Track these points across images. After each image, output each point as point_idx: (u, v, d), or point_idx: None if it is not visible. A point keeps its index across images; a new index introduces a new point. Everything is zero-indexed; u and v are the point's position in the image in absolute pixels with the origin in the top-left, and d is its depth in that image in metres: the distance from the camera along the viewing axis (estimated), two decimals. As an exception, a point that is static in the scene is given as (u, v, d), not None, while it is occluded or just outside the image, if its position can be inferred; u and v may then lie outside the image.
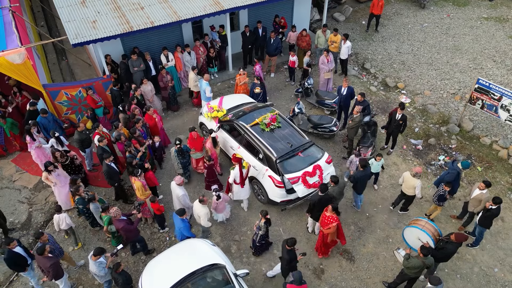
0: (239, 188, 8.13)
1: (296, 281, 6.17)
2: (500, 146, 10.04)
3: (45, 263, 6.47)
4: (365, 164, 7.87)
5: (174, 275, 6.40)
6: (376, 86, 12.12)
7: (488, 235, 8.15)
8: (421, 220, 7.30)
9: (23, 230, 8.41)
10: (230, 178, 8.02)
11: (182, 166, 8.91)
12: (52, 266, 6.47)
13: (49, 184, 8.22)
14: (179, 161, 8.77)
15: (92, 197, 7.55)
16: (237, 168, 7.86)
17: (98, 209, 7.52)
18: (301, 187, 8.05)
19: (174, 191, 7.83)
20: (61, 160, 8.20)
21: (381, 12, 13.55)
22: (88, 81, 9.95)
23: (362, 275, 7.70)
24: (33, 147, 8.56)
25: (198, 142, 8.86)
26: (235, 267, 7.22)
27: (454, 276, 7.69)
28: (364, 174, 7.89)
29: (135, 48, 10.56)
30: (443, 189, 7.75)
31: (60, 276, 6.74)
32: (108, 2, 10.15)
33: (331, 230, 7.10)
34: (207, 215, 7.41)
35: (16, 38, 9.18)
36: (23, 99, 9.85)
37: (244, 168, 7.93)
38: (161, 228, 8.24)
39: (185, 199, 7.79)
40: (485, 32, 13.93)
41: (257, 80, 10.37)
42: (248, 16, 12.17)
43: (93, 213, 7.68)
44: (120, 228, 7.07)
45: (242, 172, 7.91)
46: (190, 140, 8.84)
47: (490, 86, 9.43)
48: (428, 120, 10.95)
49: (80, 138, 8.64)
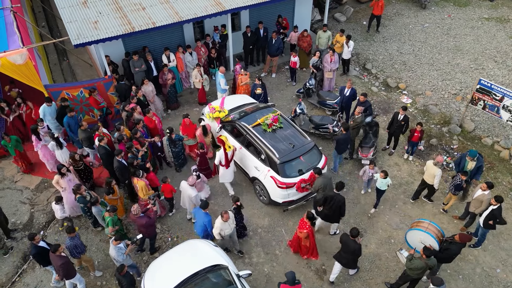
0: (224, 170, 8.42)
1: (289, 281, 6.18)
2: (501, 147, 10.04)
3: (56, 262, 6.52)
4: (347, 127, 8.75)
5: (177, 276, 6.40)
6: (377, 87, 12.12)
7: (490, 236, 8.14)
8: (423, 222, 7.29)
9: (25, 231, 8.40)
10: (216, 159, 8.38)
11: (174, 156, 9.15)
12: (62, 265, 6.50)
13: (58, 189, 8.10)
14: (171, 150, 9.01)
15: (95, 200, 7.55)
16: (221, 150, 8.16)
17: (100, 212, 7.52)
18: (293, 191, 8.15)
19: (186, 191, 7.90)
20: (76, 164, 8.16)
21: (381, 13, 13.55)
22: (90, 82, 9.94)
23: (364, 276, 7.69)
24: (38, 146, 8.61)
25: (190, 129, 9.17)
26: (237, 267, 7.21)
27: (456, 277, 7.69)
28: (346, 137, 8.79)
29: (145, 47, 10.67)
30: (460, 179, 7.92)
31: (71, 276, 6.78)
32: (109, 2, 10.14)
33: (302, 235, 7.28)
34: (218, 229, 7.11)
35: (18, 39, 9.16)
36: (27, 109, 9.72)
37: (229, 150, 8.14)
38: (169, 211, 8.50)
39: (197, 200, 7.92)
40: (486, 32, 13.93)
41: (258, 81, 10.38)
42: (249, 16, 12.17)
43: (95, 216, 7.68)
44: (143, 224, 7.14)
45: (227, 154, 8.14)
46: (183, 126, 9.16)
47: (492, 86, 9.43)
48: (430, 120, 10.95)
49: (86, 136, 8.74)
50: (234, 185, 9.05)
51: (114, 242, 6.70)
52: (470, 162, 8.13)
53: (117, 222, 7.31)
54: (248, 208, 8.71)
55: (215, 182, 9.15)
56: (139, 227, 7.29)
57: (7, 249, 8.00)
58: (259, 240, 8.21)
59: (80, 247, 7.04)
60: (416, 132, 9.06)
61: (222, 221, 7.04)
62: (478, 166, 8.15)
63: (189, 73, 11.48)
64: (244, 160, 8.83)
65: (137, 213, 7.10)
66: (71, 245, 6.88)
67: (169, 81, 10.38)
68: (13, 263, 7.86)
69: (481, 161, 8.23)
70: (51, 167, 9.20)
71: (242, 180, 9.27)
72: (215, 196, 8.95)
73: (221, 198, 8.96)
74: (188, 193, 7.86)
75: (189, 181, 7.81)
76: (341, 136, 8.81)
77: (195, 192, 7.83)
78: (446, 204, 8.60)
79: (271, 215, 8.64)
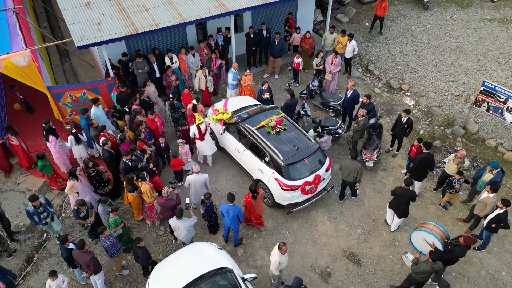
0: (200, 143, 9.01)
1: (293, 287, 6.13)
2: (505, 149, 10.03)
3: (85, 257, 6.52)
4: (292, 93, 9.73)
5: (181, 279, 6.37)
6: (380, 88, 12.10)
7: (495, 238, 8.13)
8: (429, 224, 7.28)
9: (28, 233, 8.38)
10: (190, 133, 9.01)
11: (173, 120, 9.87)
12: (92, 259, 6.52)
13: (73, 195, 7.93)
14: (171, 115, 9.75)
15: (105, 199, 7.53)
16: (194, 124, 8.77)
17: (107, 212, 7.49)
18: (298, 193, 8.14)
19: (196, 182, 7.96)
20: (89, 170, 8.10)
21: (384, 14, 13.52)
22: (93, 83, 9.91)
23: (369, 278, 7.68)
24: (56, 146, 8.69)
25: (188, 100, 9.90)
26: (241, 270, 7.19)
27: (461, 280, 7.67)
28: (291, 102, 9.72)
29: (155, 49, 10.69)
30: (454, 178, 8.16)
31: (98, 270, 6.80)
32: (113, 4, 10.11)
33: (244, 203, 7.84)
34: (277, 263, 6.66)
35: (21, 40, 9.12)
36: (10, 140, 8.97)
37: (200, 122, 8.67)
38: (179, 181, 9.00)
39: (207, 182, 8.18)
40: (488, 33, 13.92)
41: (266, 84, 10.31)
42: (252, 17, 12.14)
43: (100, 215, 7.64)
44: (172, 206, 7.37)
45: (200, 128, 8.73)
46: (183, 97, 10.01)
47: (496, 88, 9.41)
48: (433, 122, 10.93)
49: (97, 134, 8.75)
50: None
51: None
52: (488, 173, 7.84)
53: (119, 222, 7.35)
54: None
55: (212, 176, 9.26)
56: (166, 210, 7.45)
57: (11, 251, 7.97)
58: (263, 243, 8.19)
59: (117, 245, 7.05)
60: (414, 147, 8.75)
61: (280, 254, 6.54)
62: (494, 181, 7.71)
63: (192, 74, 11.45)
64: (248, 162, 8.81)
65: (167, 196, 7.34)
66: (108, 244, 6.87)
67: (173, 83, 10.36)
68: (17, 266, 7.83)
69: (500, 176, 7.87)
70: (65, 169, 9.13)
71: (246, 182, 9.25)
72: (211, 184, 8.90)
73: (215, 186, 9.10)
74: (199, 181, 7.96)
75: (194, 169, 7.88)
76: (286, 101, 9.69)
77: (202, 177, 8.01)
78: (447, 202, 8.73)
79: (275, 218, 8.62)
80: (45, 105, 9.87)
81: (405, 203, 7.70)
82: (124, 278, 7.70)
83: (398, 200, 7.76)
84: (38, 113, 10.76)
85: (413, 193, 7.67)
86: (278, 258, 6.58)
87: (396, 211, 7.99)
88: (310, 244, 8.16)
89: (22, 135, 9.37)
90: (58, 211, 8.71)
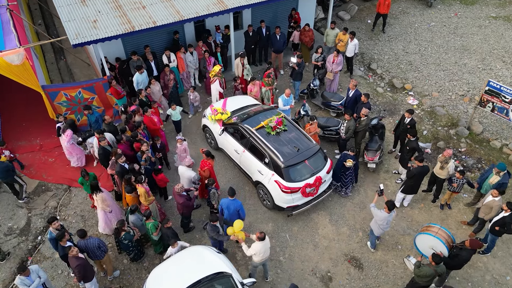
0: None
1: None
2: (510, 150, 9.82)
3: (73, 263, 6.37)
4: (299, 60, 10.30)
5: (179, 283, 6.20)
6: (383, 87, 11.87)
7: (499, 242, 7.95)
8: (433, 227, 7.10)
9: (22, 236, 8.20)
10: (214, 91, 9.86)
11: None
12: (78, 266, 6.34)
13: (106, 209, 7.67)
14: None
15: (135, 208, 7.31)
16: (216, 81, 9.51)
17: (140, 220, 7.34)
18: (298, 195, 7.95)
19: (184, 175, 7.98)
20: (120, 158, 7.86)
21: (387, 11, 13.27)
22: (88, 82, 9.69)
23: (371, 283, 7.50)
24: (71, 142, 8.71)
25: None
26: (240, 274, 7.01)
27: (465, 284, 7.50)
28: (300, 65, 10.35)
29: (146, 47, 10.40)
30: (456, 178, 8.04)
31: (88, 279, 6.62)
32: (109, 1, 9.87)
33: (205, 174, 7.95)
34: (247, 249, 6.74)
35: (15, 38, 8.91)
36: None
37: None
38: (165, 198, 8.75)
39: (195, 178, 8.05)
40: (493, 31, 13.66)
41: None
42: (251, 15, 11.90)
43: (134, 224, 7.31)
44: (181, 202, 7.42)
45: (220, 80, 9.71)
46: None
47: (501, 88, 9.19)
48: (437, 122, 10.72)
49: (110, 130, 8.69)
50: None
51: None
52: (495, 175, 7.65)
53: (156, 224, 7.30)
54: (252, 213, 8.51)
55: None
56: (177, 204, 7.58)
57: (4, 254, 7.80)
58: (263, 246, 8.00)
59: (103, 246, 6.86)
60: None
61: (257, 242, 6.52)
62: (501, 183, 7.56)
63: (190, 73, 11.24)
64: (247, 164, 8.61)
65: (179, 190, 7.35)
66: (94, 245, 6.68)
67: (171, 82, 10.15)
68: (10, 269, 7.65)
69: (506, 179, 7.65)
70: (77, 163, 9.26)
71: (245, 184, 9.06)
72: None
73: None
74: (187, 175, 7.97)
75: (185, 162, 7.96)
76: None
77: (193, 173, 7.97)
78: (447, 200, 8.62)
79: (275, 220, 8.43)
80: (41, 105, 9.65)
81: (422, 179, 8.03)
82: (121, 281, 7.53)
83: (416, 178, 7.91)
84: (33, 112, 10.54)
85: (427, 168, 7.92)
86: (254, 246, 6.62)
87: (412, 191, 8.19)
88: (310, 248, 7.97)
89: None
90: (53, 213, 8.54)
